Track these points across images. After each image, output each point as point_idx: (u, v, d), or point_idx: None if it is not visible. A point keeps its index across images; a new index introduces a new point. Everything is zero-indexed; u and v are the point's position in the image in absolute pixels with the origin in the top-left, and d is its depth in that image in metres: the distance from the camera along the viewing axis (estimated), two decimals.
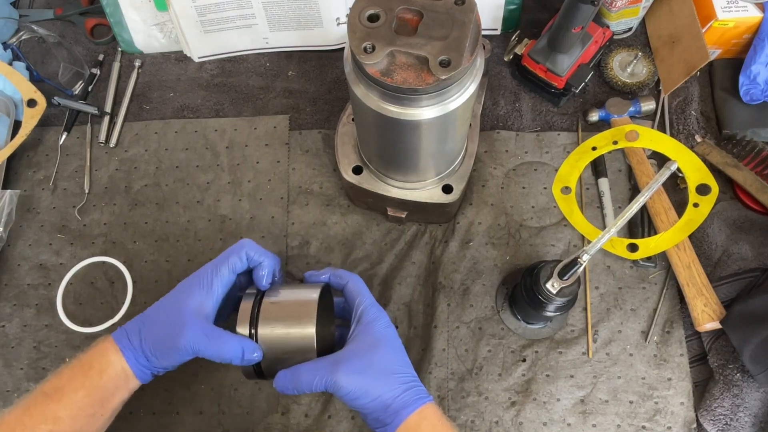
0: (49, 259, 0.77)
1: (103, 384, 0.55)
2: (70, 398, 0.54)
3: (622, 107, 0.79)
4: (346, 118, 0.73)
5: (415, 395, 0.54)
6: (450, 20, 0.50)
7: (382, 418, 0.54)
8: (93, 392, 0.54)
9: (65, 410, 0.53)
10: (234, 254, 0.58)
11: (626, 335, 0.70)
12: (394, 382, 0.54)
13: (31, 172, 0.82)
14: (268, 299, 0.58)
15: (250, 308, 0.57)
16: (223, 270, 0.57)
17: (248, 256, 0.58)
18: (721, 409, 0.64)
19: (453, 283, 0.73)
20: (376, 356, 0.55)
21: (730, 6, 0.76)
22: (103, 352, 0.56)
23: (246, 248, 0.58)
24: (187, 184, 0.80)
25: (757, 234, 0.72)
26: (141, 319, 0.57)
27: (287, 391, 0.55)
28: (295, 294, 0.59)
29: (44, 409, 0.53)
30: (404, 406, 0.53)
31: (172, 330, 0.54)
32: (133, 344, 0.55)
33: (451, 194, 0.69)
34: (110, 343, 0.56)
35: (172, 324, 0.55)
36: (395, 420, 0.53)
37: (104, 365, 0.55)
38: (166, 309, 0.56)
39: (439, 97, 0.52)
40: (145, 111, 0.85)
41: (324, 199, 0.78)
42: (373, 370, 0.54)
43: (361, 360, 0.54)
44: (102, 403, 0.55)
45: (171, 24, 0.84)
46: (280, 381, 0.55)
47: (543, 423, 0.67)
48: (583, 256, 0.56)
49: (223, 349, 0.54)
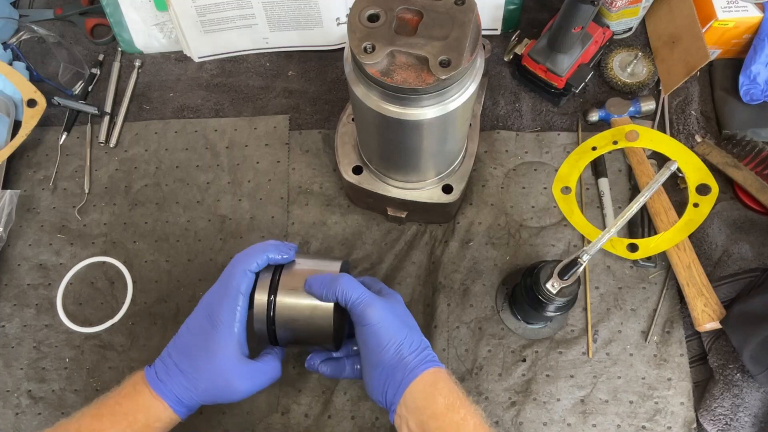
0: (49, 259, 0.77)
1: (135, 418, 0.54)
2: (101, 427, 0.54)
3: (622, 107, 0.79)
4: (346, 118, 0.73)
5: (431, 356, 0.56)
6: (450, 20, 0.50)
7: (395, 373, 0.53)
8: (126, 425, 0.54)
9: None
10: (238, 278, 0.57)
11: (626, 335, 0.70)
12: (415, 335, 0.56)
13: (31, 172, 0.82)
14: (288, 267, 0.60)
15: (270, 276, 0.58)
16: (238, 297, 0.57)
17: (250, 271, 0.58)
18: (721, 409, 0.64)
19: (453, 283, 0.73)
20: (402, 311, 0.59)
21: (730, 6, 0.76)
22: (137, 385, 0.56)
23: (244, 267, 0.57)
24: (187, 184, 0.80)
25: (757, 234, 0.72)
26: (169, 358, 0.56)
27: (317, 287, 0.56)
28: (316, 265, 0.60)
29: None
30: (421, 362, 0.54)
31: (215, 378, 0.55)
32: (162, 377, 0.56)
33: (451, 194, 0.69)
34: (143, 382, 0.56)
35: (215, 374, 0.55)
36: (410, 375, 0.53)
37: (136, 399, 0.55)
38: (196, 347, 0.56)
39: (439, 97, 0.52)
40: (145, 111, 0.85)
41: (324, 199, 0.78)
42: (400, 318, 0.57)
43: (391, 307, 0.57)
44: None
45: (171, 24, 0.84)
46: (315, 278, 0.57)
47: (543, 423, 0.67)
48: (583, 256, 0.56)
49: (266, 378, 0.58)
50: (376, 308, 0.55)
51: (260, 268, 0.59)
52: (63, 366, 0.72)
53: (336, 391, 0.69)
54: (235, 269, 0.57)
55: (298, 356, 0.71)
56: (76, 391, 0.71)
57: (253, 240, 0.76)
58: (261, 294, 0.58)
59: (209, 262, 0.76)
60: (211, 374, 0.55)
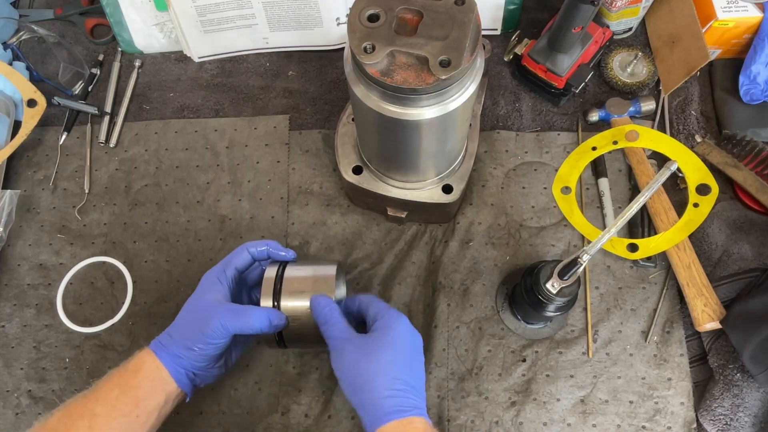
0: (49, 259, 0.77)
1: (137, 383, 0.56)
2: (105, 395, 0.55)
3: (622, 107, 0.79)
4: (346, 118, 0.73)
5: (399, 405, 0.52)
6: (450, 20, 0.50)
7: (362, 418, 0.53)
8: (127, 390, 0.55)
9: (101, 407, 0.54)
10: (235, 254, 0.62)
11: (626, 335, 0.70)
12: (378, 384, 0.52)
13: (31, 172, 0.82)
14: (288, 275, 0.61)
15: (272, 283, 0.60)
16: (229, 267, 0.61)
17: (249, 251, 0.62)
18: (721, 409, 0.64)
19: (453, 283, 0.73)
20: (374, 352, 0.54)
21: (730, 6, 0.76)
22: (138, 356, 0.58)
23: (245, 245, 0.62)
24: (187, 184, 0.80)
25: (757, 234, 0.72)
26: (169, 327, 0.59)
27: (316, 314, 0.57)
28: (312, 270, 0.62)
29: (82, 406, 0.55)
30: (383, 414, 0.51)
31: (199, 318, 0.57)
32: (163, 343, 0.58)
33: (451, 194, 0.69)
34: (145, 349, 0.58)
35: (199, 315, 0.57)
36: (372, 426, 0.51)
37: (138, 365, 0.57)
38: (188, 309, 0.59)
39: (439, 97, 0.52)
40: (145, 111, 0.85)
41: (324, 199, 0.78)
42: (363, 363, 0.53)
43: (363, 347, 0.54)
44: (136, 403, 0.55)
45: (171, 24, 0.84)
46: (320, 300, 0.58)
47: (543, 423, 0.67)
48: (583, 256, 0.56)
49: (251, 319, 0.56)
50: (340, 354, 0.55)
51: (258, 254, 0.62)
52: (63, 366, 0.72)
53: (336, 391, 0.69)
54: (234, 250, 0.62)
55: (298, 356, 0.71)
56: (76, 391, 0.71)
57: (253, 240, 0.76)
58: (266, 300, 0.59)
59: (209, 262, 0.76)
60: (194, 315, 0.58)
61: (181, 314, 0.59)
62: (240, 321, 0.56)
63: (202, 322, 0.56)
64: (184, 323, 0.58)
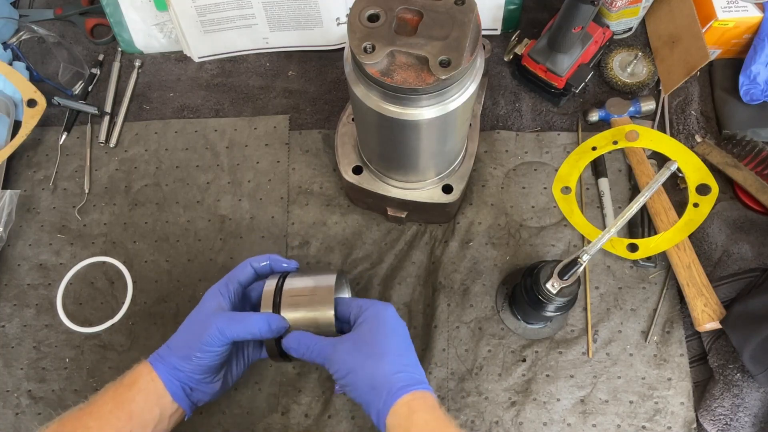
0: (49, 259, 0.77)
1: (131, 397, 0.55)
2: (99, 409, 0.55)
3: (622, 107, 0.79)
4: (346, 118, 0.73)
5: (408, 380, 0.53)
6: (450, 20, 0.50)
7: (373, 400, 0.53)
8: (121, 405, 0.55)
9: (94, 421, 0.54)
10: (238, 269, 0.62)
11: (626, 335, 0.70)
12: (385, 363, 0.54)
13: (31, 172, 0.82)
14: (288, 287, 0.60)
15: (271, 296, 0.60)
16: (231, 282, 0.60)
17: (252, 265, 0.62)
18: (721, 409, 0.64)
19: (453, 283, 0.73)
20: (372, 338, 0.55)
21: (730, 6, 0.76)
22: (136, 369, 0.58)
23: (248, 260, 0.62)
24: (187, 184, 0.80)
25: (757, 234, 0.72)
26: (169, 339, 0.59)
27: (292, 351, 0.57)
28: (312, 281, 0.61)
29: (76, 420, 0.55)
30: (396, 389, 0.52)
31: (198, 328, 0.56)
32: (162, 355, 0.58)
33: (451, 194, 0.69)
34: (143, 362, 0.58)
35: (198, 324, 0.57)
36: (386, 403, 0.52)
37: (134, 378, 0.56)
38: (189, 321, 0.59)
39: (439, 97, 0.52)
40: (145, 111, 0.85)
41: (324, 199, 0.78)
42: (365, 350, 0.54)
43: (356, 341, 0.55)
44: (130, 418, 0.54)
45: (171, 24, 0.84)
46: (290, 339, 0.57)
47: (543, 423, 0.67)
48: (583, 256, 0.56)
49: (249, 323, 0.56)
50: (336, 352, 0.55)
51: (261, 269, 0.62)
52: (63, 366, 0.72)
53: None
54: (238, 265, 0.62)
55: None
56: (76, 391, 0.71)
57: (253, 240, 0.76)
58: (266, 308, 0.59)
59: (209, 262, 0.76)
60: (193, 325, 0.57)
61: (181, 327, 0.59)
62: (238, 326, 0.56)
63: (201, 330, 0.56)
64: (183, 334, 0.58)
